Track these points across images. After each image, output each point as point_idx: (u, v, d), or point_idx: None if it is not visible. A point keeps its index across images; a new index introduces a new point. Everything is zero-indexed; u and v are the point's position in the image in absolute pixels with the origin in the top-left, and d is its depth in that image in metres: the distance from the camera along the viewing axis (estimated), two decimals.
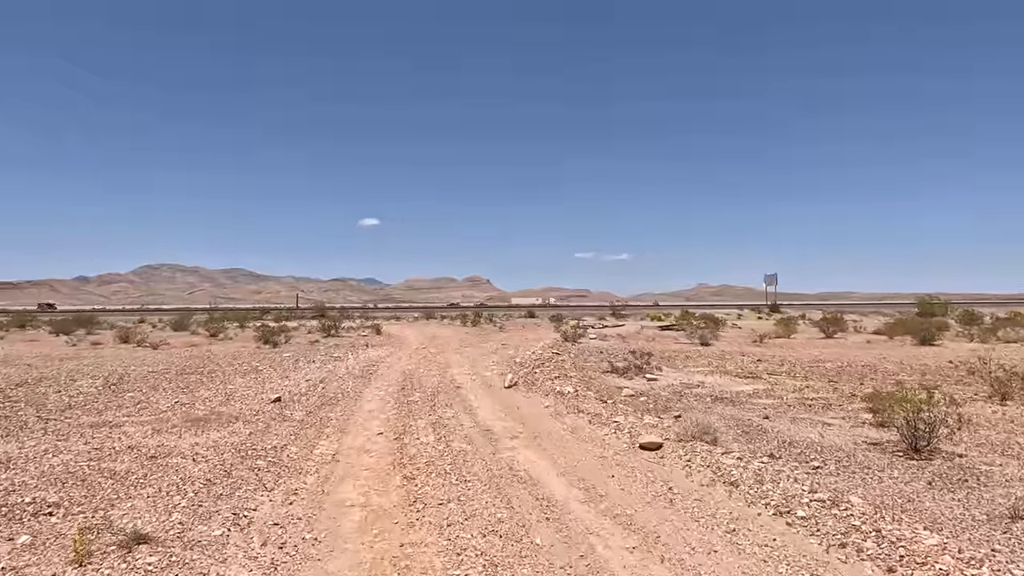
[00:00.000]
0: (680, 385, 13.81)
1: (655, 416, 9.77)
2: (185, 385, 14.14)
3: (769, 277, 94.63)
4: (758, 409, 10.74)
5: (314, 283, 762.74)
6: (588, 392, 12.31)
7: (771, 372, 16.31)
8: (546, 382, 14.02)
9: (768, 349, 24.02)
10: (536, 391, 13.12)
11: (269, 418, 9.91)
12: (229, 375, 16.12)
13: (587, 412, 10.28)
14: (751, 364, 18.72)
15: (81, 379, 15.27)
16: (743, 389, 13.20)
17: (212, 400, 11.89)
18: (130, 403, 11.60)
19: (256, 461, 7.21)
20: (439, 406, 11.50)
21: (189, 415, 10.16)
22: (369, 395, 12.96)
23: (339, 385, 14.27)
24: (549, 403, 11.56)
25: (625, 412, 10.12)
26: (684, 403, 11.32)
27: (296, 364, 18.69)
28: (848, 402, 11.35)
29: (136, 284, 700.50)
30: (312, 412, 10.73)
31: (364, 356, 21.42)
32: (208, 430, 8.99)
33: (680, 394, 12.46)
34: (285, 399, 11.96)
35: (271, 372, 16.71)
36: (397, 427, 9.63)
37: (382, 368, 18.08)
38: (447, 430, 9.31)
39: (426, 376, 16.16)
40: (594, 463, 7.28)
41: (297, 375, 16.13)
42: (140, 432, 8.83)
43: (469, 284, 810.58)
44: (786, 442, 8.09)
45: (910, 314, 51.93)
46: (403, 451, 8.10)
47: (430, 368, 18.18)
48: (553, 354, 20.38)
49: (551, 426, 9.53)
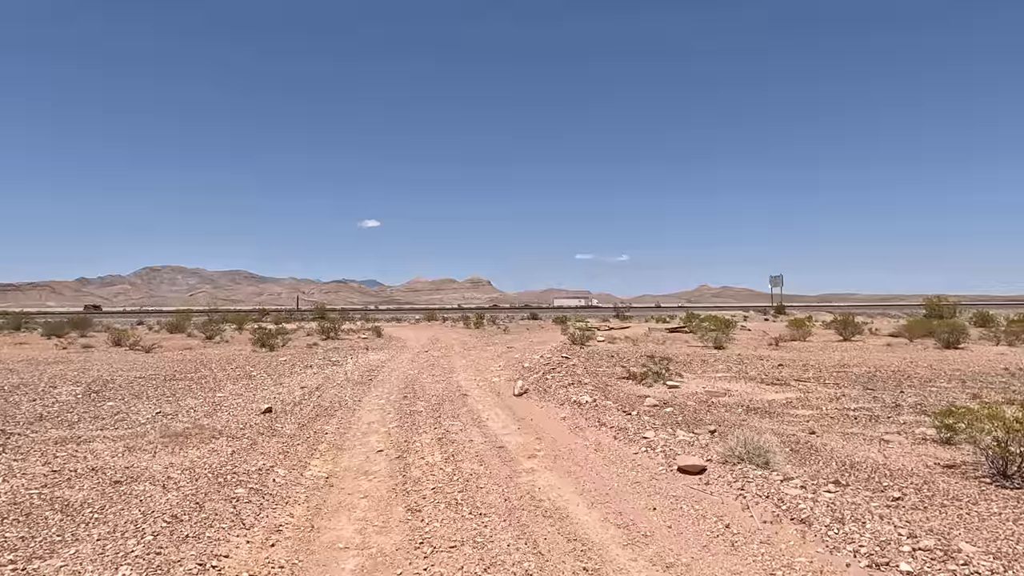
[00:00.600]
0: (705, 393, 12.77)
1: (688, 431, 8.73)
2: (171, 393, 13.14)
3: (775, 278, 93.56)
4: (798, 422, 9.70)
5: (315, 285, 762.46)
6: (607, 402, 11.28)
7: (798, 378, 15.27)
8: (560, 390, 13.00)
9: (786, 352, 22.96)
10: (550, 400, 12.10)
11: (257, 432, 8.89)
12: (220, 381, 15.11)
13: (610, 425, 9.25)
14: (773, 369, 17.67)
15: (62, 385, 14.27)
16: (774, 398, 12.17)
17: (197, 410, 10.87)
18: (108, 414, 10.59)
19: (235, 489, 6.18)
20: (445, 417, 10.48)
21: (169, 429, 9.14)
22: (369, 404, 11.94)
23: (336, 393, 13.26)
24: (566, 414, 10.54)
25: (653, 426, 9.09)
26: (715, 415, 10.29)
27: (292, 369, 17.68)
28: (895, 413, 10.31)
29: (137, 286, 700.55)
30: (305, 425, 9.71)
31: (364, 360, 20.42)
32: (187, 447, 7.97)
33: (708, 404, 11.43)
34: (277, 409, 10.94)
35: (265, 378, 15.70)
36: (399, 443, 8.61)
37: (383, 373, 17.07)
38: (455, 447, 8.29)
39: (430, 383, 15.15)
40: (629, 490, 6.25)
41: (292, 381, 15.12)
42: (110, 450, 7.81)
43: (470, 285, 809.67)
44: (846, 464, 7.05)
45: (918, 316, 51.04)
46: (406, 473, 7.08)
47: (434, 373, 17.17)
48: (563, 358, 19.38)
49: (572, 442, 8.50)
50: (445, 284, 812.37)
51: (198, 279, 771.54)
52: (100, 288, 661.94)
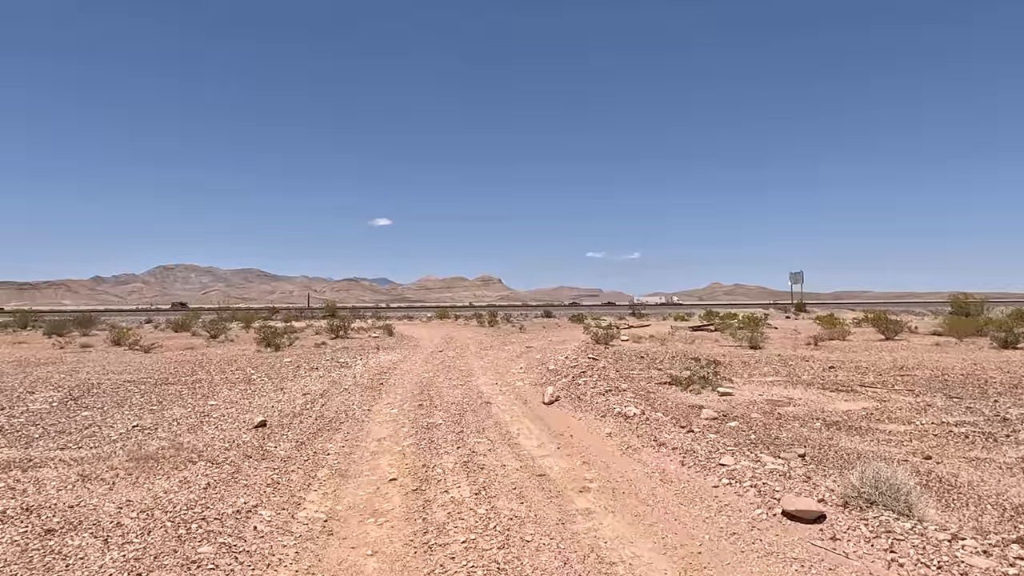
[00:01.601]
0: (765, 402, 11.10)
1: (771, 454, 7.09)
2: (158, 400, 11.67)
3: (794, 275, 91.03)
4: (898, 441, 8.03)
5: (327, 283, 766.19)
6: (657, 413, 9.64)
7: (862, 383, 13.54)
8: (596, 398, 11.38)
9: (830, 353, 21.16)
10: (587, 410, 10.49)
11: (243, 455, 7.33)
12: (216, 386, 13.64)
13: (671, 446, 7.62)
14: (825, 372, 15.94)
15: (41, 391, 12.87)
16: (849, 408, 10.48)
17: (181, 423, 9.36)
18: (78, 427, 9.11)
19: (199, 546, 4.61)
20: (468, 432, 8.90)
21: (140, 449, 7.63)
22: (379, 414, 10.39)
23: (343, 400, 11.73)
24: (611, 429, 8.92)
25: (724, 447, 7.44)
26: (791, 431, 8.63)
27: (296, 372, 16.18)
28: (1008, 429, 8.59)
29: (151, 284, 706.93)
30: (304, 443, 8.16)
31: (374, 361, 18.90)
32: (155, 475, 6.45)
33: (775, 416, 9.76)
34: (272, 422, 9.40)
35: (265, 382, 14.20)
36: (416, 468, 7.04)
37: (395, 376, 15.54)
38: (486, 475, 6.70)
39: (447, 387, 13.59)
40: (728, 548, 4.64)
41: (295, 386, 13.61)
42: (60, 479, 6.31)
43: (481, 283, 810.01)
44: (1007, 509, 5.39)
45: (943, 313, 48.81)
46: (427, 514, 5.51)
47: (450, 376, 15.61)
48: (590, 360, 17.76)
49: (628, 469, 6.89)
50: (456, 282, 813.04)
51: (211, 277, 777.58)
52: (115, 287, 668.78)
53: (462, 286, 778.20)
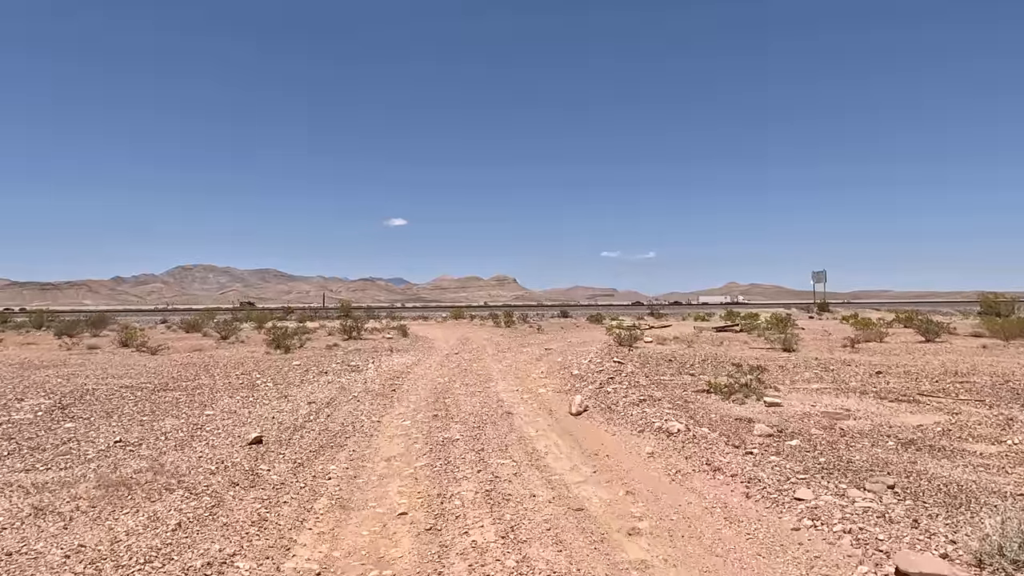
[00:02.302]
0: (821, 415, 9.89)
1: (854, 484, 5.92)
2: (152, 409, 10.75)
3: (817, 274, 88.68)
4: (997, 467, 6.81)
5: (342, 283, 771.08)
6: (702, 428, 8.49)
7: (923, 392, 12.27)
8: (630, 408, 10.25)
9: (870, 356, 19.79)
10: (621, 423, 9.37)
11: (230, 481, 6.31)
12: (217, 392, 12.71)
13: (730, 472, 6.48)
14: (872, 378, 14.65)
15: (31, 397, 12.02)
16: (918, 422, 9.24)
17: (169, 438, 8.40)
18: (55, 442, 8.18)
19: None
20: (489, 450, 7.84)
21: (115, 472, 6.65)
22: (390, 427, 9.36)
23: (351, 410, 10.72)
24: (652, 447, 7.80)
25: (795, 473, 6.29)
26: (864, 451, 7.43)
27: (304, 376, 15.23)
28: None
29: (170, 284, 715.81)
30: (302, 464, 7.13)
31: (387, 365, 17.92)
32: (122, 509, 5.45)
33: (838, 432, 8.56)
34: (271, 437, 8.40)
35: (269, 388, 13.25)
36: (430, 498, 5.99)
37: (408, 382, 14.53)
38: (513, 509, 5.63)
39: (464, 395, 12.54)
40: None
41: (301, 393, 12.65)
42: (11, 512, 5.33)
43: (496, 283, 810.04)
44: None
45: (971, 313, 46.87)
46: (443, 567, 4.44)
47: (467, 381, 14.57)
48: (615, 363, 16.62)
49: (683, 502, 5.77)
50: (471, 282, 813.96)
51: (228, 277, 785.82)
52: (134, 287, 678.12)
53: (477, 286, 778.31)
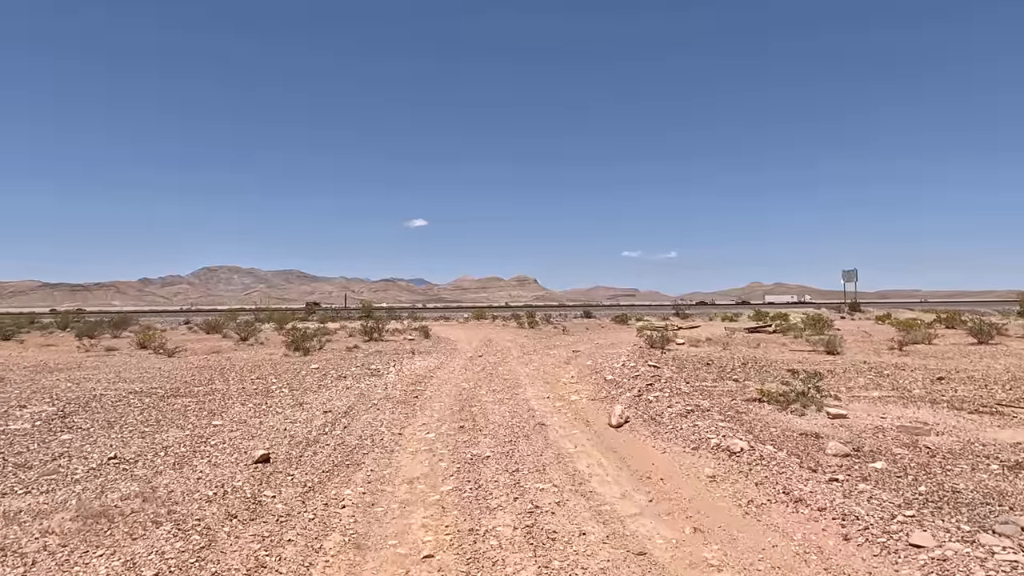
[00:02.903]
0: (895, 429, 8.76)
1: (979, 525, 4.84)
2: (157, 418, 9.99)
3: (848, 273, 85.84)
4: None
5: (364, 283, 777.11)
6: (766, 446, 7.43)
7: (1000, 402, 11.03)
8: (678, 420, 9.21)
9: (923, 359, 18.41)
10: (670, 438, 8.35)
11: (228, 512, 5.43)
12: (229, 399, 11.96)
13: (816, 505, 5.43)
14: (933, 384, 13.41)
15: (35, 404, 11.39)
16: (1013, 439, 8.07)
17: (169, 454, 7.59)
18: (44, 458, 7.42)
19: None
20: (526, 471, 6.88)
21: (100, 497, 5.83)
22: (412, 440, 8.46)
23: (370, 420, 9.85)
24: (712, 469, 6.77)
25: (897, 508, 5.22)
26: (966, 477, 6.33)
27: (321, 381, 14.44)
28: None
29: (195, 286, 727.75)
30: (313, 488, 6.24)
31: (409, 368, 17.07)
32: (96, 548, 4.60)
33: (924, 451, 7.44)
34: (280, 453, 7.54)
35: (284, 395, 12.46)
36: (460, 534, 5.05)
37: (431, 387, 13.64)
38: (560, 552, 4.67)
39: (491, 402, 11.61)
40: None
41: (317, 399, 11.83)
42: None
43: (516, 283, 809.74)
44: None
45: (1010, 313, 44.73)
46: None
47: (494, 387, 13.64)
48: (651, 368, 15.55)
49: (766, 544, 4.76)
50: (491, 282, 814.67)
51: (253, 278, 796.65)
52: (161, 288, 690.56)
53: (497, 286, 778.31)
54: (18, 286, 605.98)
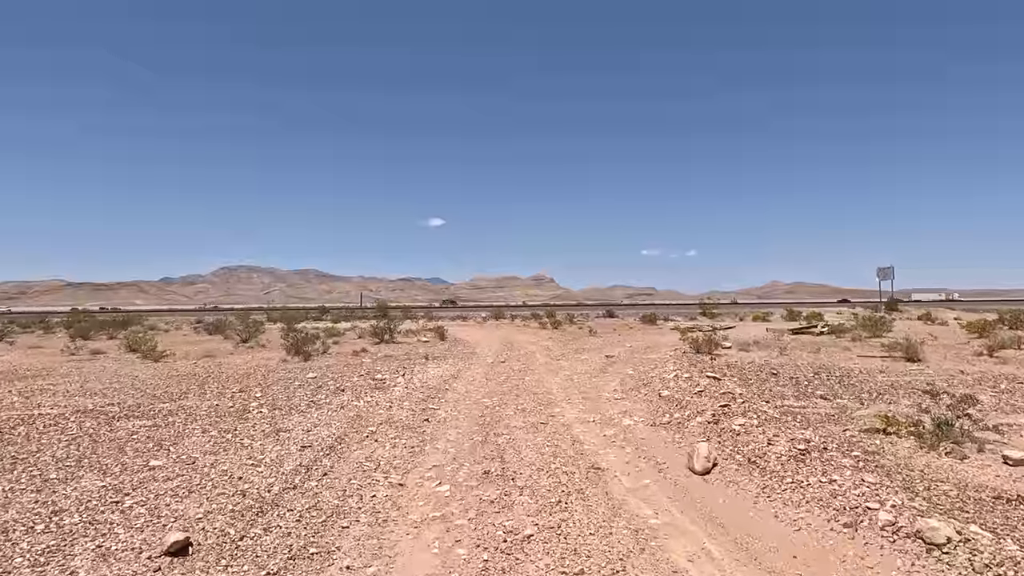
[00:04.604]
0: None
1: None
2: (81, 455, 7.50)
3: (883, 270, 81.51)
4: None
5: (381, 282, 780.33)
6: (970, 526, 4.73)
7: None
8: (792, 466, 6.49)
9: None
10: (795, 498, 5.65)
11: None
12: (192, 423, 9.48)
13: None
14: None
15: None
16: None
17: (50, 528, 5.08)
18: None
19: None
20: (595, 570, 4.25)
21: None
22: (416, 499, 5.85)
23: (362, 459, 7.28)
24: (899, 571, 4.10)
25: None
26: None
27: (314, 395, 11.91)
28: None
29: (216, 285, 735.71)
30: None
31: (420, 378, 14.49)
32: None
33: None
34: (209, 537, 4.94)
35: (263, 416, 9.95)
36: None
37: (446, 405, 11.08)
38: None
39: (522, 428, 9.00)
40: None
41: (302, 424, 9.30)
42: None
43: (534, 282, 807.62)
44: None
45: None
46: None
47: (522, 404, 11.04)
48: (711, 380, 12.82)
49: None
50: (508, 281, 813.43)
51: (272, 278, 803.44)
52: (182, 287, 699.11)
53: (514, 285, 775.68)
54: (44, 286, 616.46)
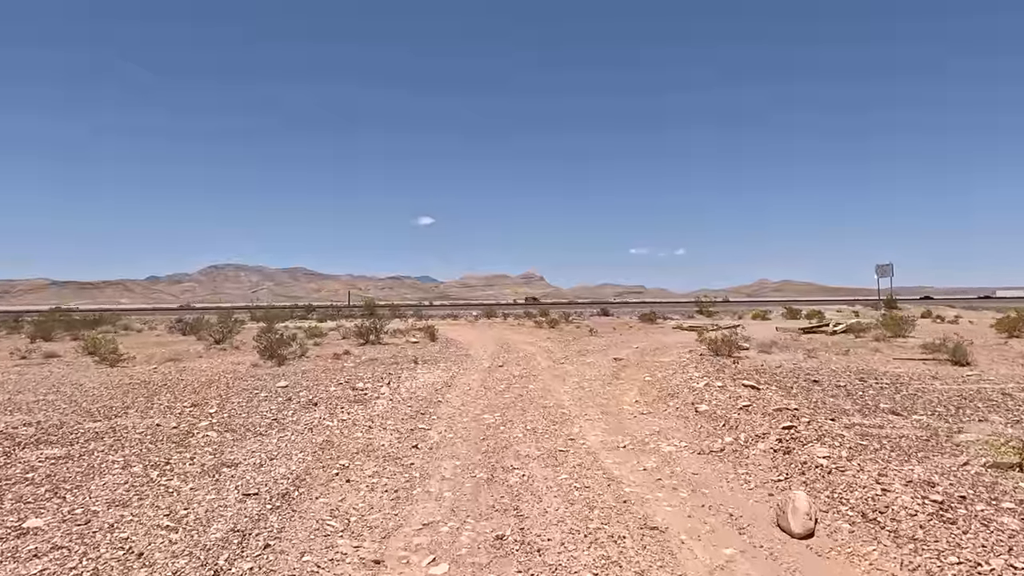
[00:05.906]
0: None
1: None
2: None
3: (882, 268, 79.95)
4: None
5: (371, 281, 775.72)
6: None
7: None
8: (932, 529, 4.59)
9: None
10: None
11: None
12: (115, 453, 7.45)
13: None
14: None
15: None
16: None
17: None
18: None
19: None
20: None
21: None
22: None
23: (324, 514, 5.30)
24: None
25: None
26: None
27: (280, 412, 9.89)
28: None
29: (203, 283, 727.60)
30: None
31: (409, 387, 12.50)
32: None
33: None
34: None
35: (208, 443, 7.92)
36: None
37: (439, 423, 9.10)
38: None
39: (536, 458, 7.03)
40: None
41: (254, 457, 7.30)
42: None
43: (523, 281, 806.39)
44: None
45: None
46: None
47: (531, 422, 9.08)
48: (749, 389, 10.96)
49: None
50: (498, 279, 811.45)
51: (260, 276, 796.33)
52: (169, 286, 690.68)
53: (504, 283, 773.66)
54: (28, 284, 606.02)
